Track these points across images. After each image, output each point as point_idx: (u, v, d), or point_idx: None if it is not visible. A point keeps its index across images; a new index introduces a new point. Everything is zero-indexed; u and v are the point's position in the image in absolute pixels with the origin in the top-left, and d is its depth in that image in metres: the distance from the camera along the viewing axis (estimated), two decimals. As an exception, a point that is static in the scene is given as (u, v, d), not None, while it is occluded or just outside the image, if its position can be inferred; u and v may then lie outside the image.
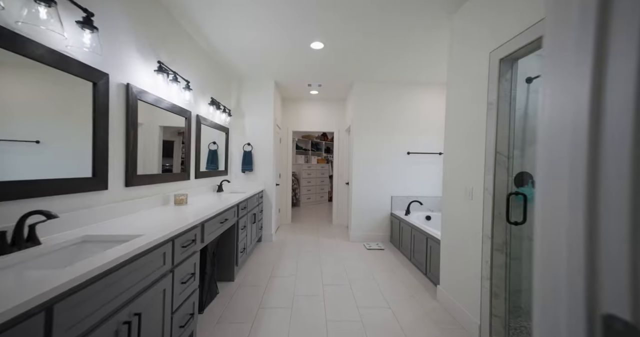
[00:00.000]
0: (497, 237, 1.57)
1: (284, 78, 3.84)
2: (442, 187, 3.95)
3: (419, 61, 3.13)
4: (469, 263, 1.82)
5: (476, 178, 1.78)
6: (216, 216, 1.97)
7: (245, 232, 2.85)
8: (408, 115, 3.97)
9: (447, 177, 2.18)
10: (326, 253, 3.45)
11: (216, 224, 1.99)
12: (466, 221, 1.88)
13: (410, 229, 3.14)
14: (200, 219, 1.65)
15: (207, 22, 2.31)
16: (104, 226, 1.38)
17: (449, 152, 2.17)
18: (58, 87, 1.22)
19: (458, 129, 2.04)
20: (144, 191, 1.87)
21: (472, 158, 1.83)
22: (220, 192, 3.18)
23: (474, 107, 1.82)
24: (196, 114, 2.69)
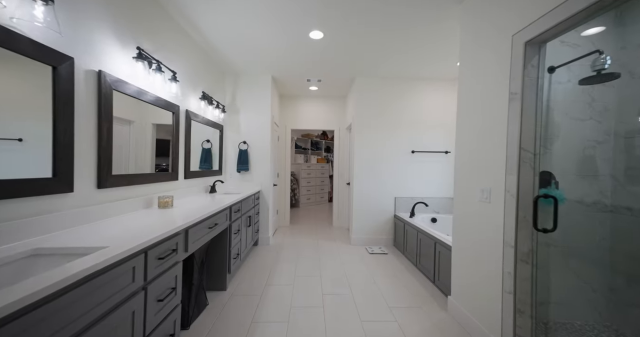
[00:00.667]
0: (521, 245, 1.37)
1: (282, 72, 3.64)
2: (453, 188, 3.78)
3: (424, 55, 2.93)
4: (487, 273, 1.62)
5: (495, 178, 1.58)
6: (204, 220, 1.78)
7: (239, 237, 2.65)
8: (412, 112, 3.77)
9: (460, 177, 1.98)
10: (326, 257, 3.25)
11: (204, 230, 1.79)
12: (483, 226, 1.68)
13: (416, 233, 2.95)
14: (183, 225, 1.45)
15: (196, 9, 2.11)
16: (66, 235, 1.18)
17: (462, 150, 1.97)
18: (5, 72, 1.02)
19: (472, 124, 1.84)
20: (122, 193, 1.67)
21: (490, 156, 1.63)
22: (213, 194, 2.98)
23: (492, 98, 1.62)
24: (185, 109, 2.49)
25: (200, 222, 1.72)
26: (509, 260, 1.42)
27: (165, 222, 1.47)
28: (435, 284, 2.47)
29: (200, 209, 1.94)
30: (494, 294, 1.55)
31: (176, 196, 2.31)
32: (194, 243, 1.65)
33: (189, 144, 2.56)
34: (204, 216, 1.74)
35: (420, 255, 2.85)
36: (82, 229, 1.28)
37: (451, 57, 3.01)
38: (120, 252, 0.97)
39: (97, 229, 1.30)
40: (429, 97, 3.77)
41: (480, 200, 1.71)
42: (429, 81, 3.76)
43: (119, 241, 1.09)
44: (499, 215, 1.53)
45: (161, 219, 1.58)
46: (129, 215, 1.64)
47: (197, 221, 1.64)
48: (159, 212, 1.77)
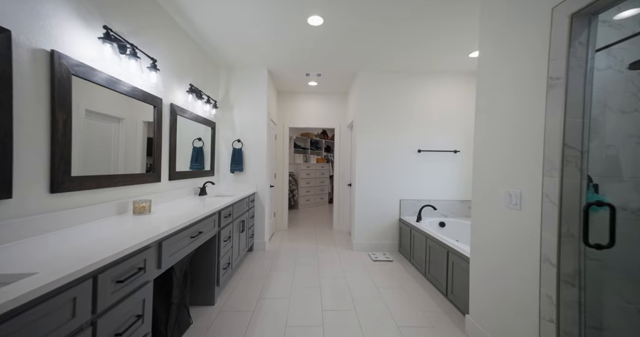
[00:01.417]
0: (566, 264, 1.12)
1: (279, 66, 3.39)
2: (462, 190, 3.58)
3: (433, 47, 2.67)
4: (517, 294, 1.37)
5: (527, 180, 1.33)
6: (184, 229, 1.52)
7: (229, 244, 2.40)
8: (418, 109, 3.52)
9: (479, 179, 1.73)
10: (326, 265, 3.00)
11: (184, 240, 1.54)
12: (511, 236, 1.43)
13: (425, 239, 2.69)
14: (154, 238, 1.20)
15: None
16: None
17: (481, 148, 1.72)
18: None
19: (496, 118, 1.59)
20: (86, 198, 1.42)
21: (520, 154, 1.38)
22: (203, 196, 2.73)
23: (523, 87, 1.37)
24: (170, 102, 2.24)
25: (180, 231, 1.47)
26: (548, 280, 1.17)
27: (136, 233, 1.22)
28: (448, 297, 2.22)
29: (184, 214, 1.69)
30: (527, 320, 1.30)
31: (158, 199, 2.06)
32: (171, 257, 1.40)
33: (174, 141, 2.31)
34: (184, 224, 1.49)
35: (429, 263, 2.60)
36: (18, 245, 1.02)
37: (464, 48, 2.76)
38: (51, 281, 0.72)
39: (42, 243, 1.04)
40: (437, 92, 3.52)
41: (507, 206, 1.46)
42: (438, 75, 3.50)
43: (59, 263, 0.84)
44: (533, 225, 1.28)
45: (132, 228, 1.33)
46: (93, 224, 1.39)
47: (174, 230, 1.39)
48: (133, 220, 1.52)
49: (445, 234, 3.27)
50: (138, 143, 1.95)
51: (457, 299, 2.07)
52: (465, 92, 3.50)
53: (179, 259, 1.51)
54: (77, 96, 1.33)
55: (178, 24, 2.34)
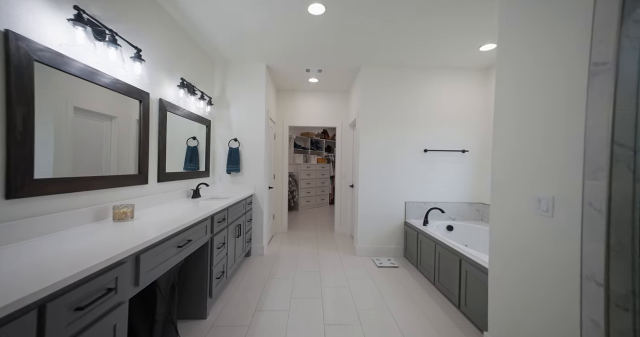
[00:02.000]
0: (616, 283, 0.94)
1: (277, 61, 3.21)
2: (470, 191, 3.40)
3: (444, 38, 2.50)
4: (549, 315, 1.19)
5: (561, 184, 1.15)
6: (169, 238, 1.35)
7: (224, 251, 2.22)
8: (425, 106, 3.34)
9: (499, 182, 1.55)
10: (328, 271, 2.82)
11: (170, 250, 1.37)
12: (539, 248, 1.25)
13: (434, 245, 2.51)
14: (128, 251, 1.02)
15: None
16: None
17: (502, 146, 1.54)
18: None
19: (520, 112, 1.41)
20: (54, 204, 1.24)
21: (552, 153, 1.21)
22: (196, 199, 2.55)
23: (557, 74, 1.19)
24: (158, 97, 2.06)
25: (164, 241, 1.29)
26: (594, 302, 0.99)
27: (110, 245, 1.04)
28: (461, 310, 2.04)
29: (171, 221, 1.52)
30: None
31: (145, 203, 1.88)
32: (153, 271, 1.22)
33: (163, 140, 2.14)
34: (169, 232, 1.31)
35: (438, 271, 2.42)
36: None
37: (475, 40, 2.58)
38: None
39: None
40: (444, 89, 3.34)
41: (535, 212, 1.28)
42: (445, 71, 3.33)
43: None
44: (570, 235, 1.10)
45: (108, 238, 1.15)
46: (61, 234, 1.21)
47: (156, 241, 1.21)
48: (111, 228, 1.34)
49: (453, 238, 3.09)
50: (132, 143, 1.78)
51: (471, 313, 1.89)
52: (475, 88, 3.32)
53: (164, 272, 1.34)
54: (63, 91, 1.16)
55: (168, 13, 2.17)
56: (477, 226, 3.06)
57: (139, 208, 1.81)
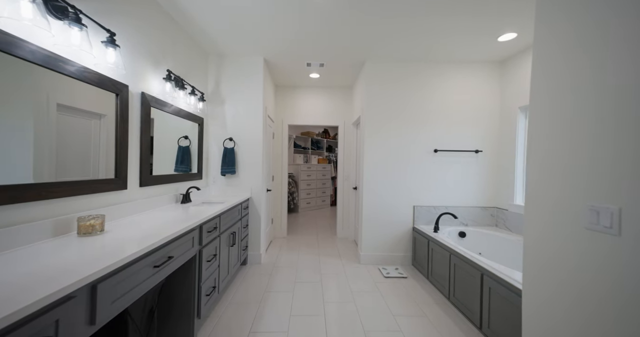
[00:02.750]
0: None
1: (276, 54, 2.97)
2: (483, 195, 3.15)
3: (457, 28, 2.26)
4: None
5: (633, 193, 0.91)
6: (142, 258, 1.11)
7: (215, 263, 1.98)
8: (436, 103, 3.10)
9: (536, 186, 1.31)
10: (331, 282, 2.58)
11: (144, 272, 1.13)
12: (598, 272, 1.01)
13: (448, 256, 2.27)
14: (78, 282, 0.79)
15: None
16: None
17: (541, 145, 1.30)
18: None
19: (565, 105, 1.16)
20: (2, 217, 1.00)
21: (615, 154, 0.96)
22: (186, 204, 2.31)
23: (621, 57, 0.95)
24: (140, 91, 1.82)
25: (133, 263, 1.05)
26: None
27: (55, 273, 0.81)
28: (483, 331, 1.79)
29: (150, 234, 1.28)
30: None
31: (123, 212, 1.64)
32: (118, 302, 0.98)
33: (147, 139, 1.90)
34: (139, 252, 1.07)
35: (454, 284, 2.18)
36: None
37: (492, 30, 2.34)
38: None
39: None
40: (457, 84, 3.10)
41: (590, 227, 1.04)
42: (459, 65, 3.08)
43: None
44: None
45: (58, 262, 0.91)
46: (7, 254, 0.98)
47: (120, 265, 0.97)
48: (73, 245, 1.10)
49: (466, 246, 2.85)
50: (108, 143, 1.55)
51: (495, 335, 1.65)
52: (490, 83, 3.08)
53: (135, 300, 1.10)
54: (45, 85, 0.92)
55: None
56: (492, 233, 2.83)
57: (115, 218, 1.57)
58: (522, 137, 2.77)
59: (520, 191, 2.79)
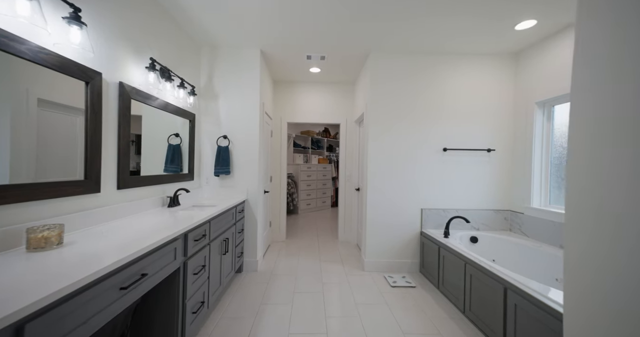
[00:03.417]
0: None
1: (274, 45, 2.76)
2: (497, 197, 2.86)
3: (471, 19, 2.05)
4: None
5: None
6: (101, 281, 0.89)
7: (204, 275, 1.77)
8: (445, 99, 2.89)
9: (581, 187, 1.09)
10: (333, 293, 2.37)
11: (104, 298, 0.91)
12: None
13: (463, 265, 2.06)
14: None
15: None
16: None
17: (586, 137, 1.08)
18: None
19: (619, 95, 0.94)
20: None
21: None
22: (174, 208, 2.10)
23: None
24: (118, 80, 1.61)
25: (86, 288, 0.84)
26: None
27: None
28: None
29: (123, 245, 1.07)
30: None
31: (95, 219, 1.43)
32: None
33: (126, 134, 1.68)
34: (96, 273, 0.86)
35: (470, 297, 1.96)
36: None
37: (513, 15, 2.12)
38: None
39: None
40: (468, 78, 2.88)
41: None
42: (471, 57, 2.86)
43: None
44: None
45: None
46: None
47: (65, 294, 0.75)
48: (13, 265, 0.89)
49: (479, 252, 2.64)
50: (77, 139, 1.34)
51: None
52: (504, 77, 2.86)
53: (94, 331, 0.88)
54: None
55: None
56: (506, 238, 2.61)
57: (84, 226, 1.36)
58: (540, 135, 2.56)
59: (538, 193, 2.57)
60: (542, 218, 2.44)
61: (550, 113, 2.51)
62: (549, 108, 2.51)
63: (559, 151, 2.42)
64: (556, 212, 2.31)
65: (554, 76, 2.36)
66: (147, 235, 1.27)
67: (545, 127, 2.54)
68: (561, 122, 2.40)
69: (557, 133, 2.45)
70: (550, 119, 2.51)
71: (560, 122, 2.41)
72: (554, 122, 2.48)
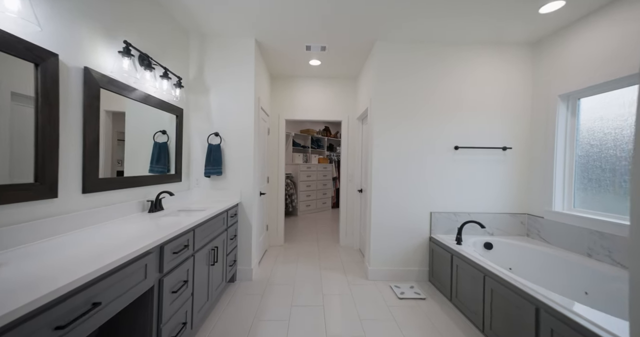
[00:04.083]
0: None
1: (271, 34, 2.51)
2: (512, 199, 2.57)
3: (488, 3, 1.81)
4: None
5: None
6: (18, 325, 0.65)
7: (187, 292, 1.53)
8: (457, 93, 2.65)
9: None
10: (335, 306, 2.13)
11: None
12: None
13: (482, 278, 1.82)
14: None
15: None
16: None
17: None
18: None
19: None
20: None
21: None
22: (156, 213, 1.86)
23: None
24: (83, 65, 1.37)
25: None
26: None
27: None
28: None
29: (72, 265, 0.84)
30: None
31: (48, 230, 1.19)
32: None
33: (93, 130, 1.44)
34: (12, 315, 0.62)
35: (491, 315, 1.72)
36: None
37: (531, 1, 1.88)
38: None
39: None
40: (482, 70, 2.63)
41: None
42: (485, 46, 2.62)
43: None
44: None
45: None
46: None
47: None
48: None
49: (494, 259, 2.41)
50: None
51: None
52: (521, 68, 2.62)
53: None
54: None
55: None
56: (524, 244, 2.38)
57: (32, 240, 1.12)
58: (563, 131, 2.32)
59: (561, 195, 2.33)
60: (566, 223, 2.20)
61: (575, 107, 2.26)
62: (573, 102, 2.27)
63: (585, 149, 2.18)
64: (582, 217, 2.07)
65: (581, 66, 2.12)
66: (111, 249, 1.04)
67: (570, 123, 2.29)
68: (588, 117, 2.16)
69: (583, 129, 2.21)
70: (576, 114, 2.26)
71: (587, 117, 2.17)
72: (580, 117, 2.24)
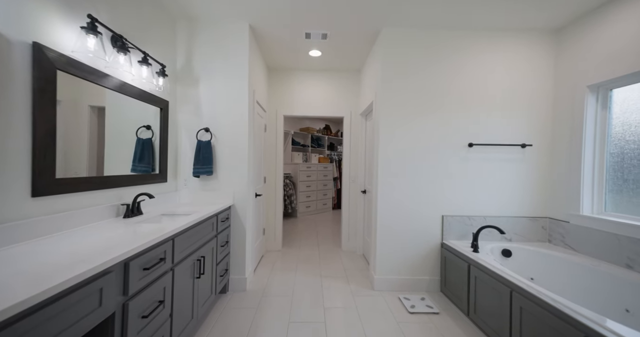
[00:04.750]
0: None
1: (266, 18, 2.27)
2: (534, 202, 2.27)
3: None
4: None
5: None
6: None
7: (163, 314, 1.28)
8: (471, 85, 2.40)
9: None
10: (338, 322, 1.89)
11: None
12: None
13: (509, 293, 1.58)
14: None
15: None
16: None
17: None
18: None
19: None
20: None
21: None
22: (133, 219, 1.61)
23: None
24: (31, 40, 1.12)
25: None
26: None
27: None
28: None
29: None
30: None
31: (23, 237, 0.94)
32: None
33: (51, 121, 1.19)
34: None
35: (519, 335, 1.48)
36: None
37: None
38: None
39: None
40: (499, 60, 2.39)
41: None
42: (503, 34, 2.37)
43: None
44: None
45: None
46: None
47: None
48: None
49: (513, 268, 2.17)
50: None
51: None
52: (542, 58, 2.37)
53: None
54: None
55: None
56: (547, 252, 2.14)
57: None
58: (592, 126, 2.07)
59: (589, 197, 2.09)
60: (596, 228, 1.96)
61: (606, 99, 2.02)
62: (604, 93, 2.03)
63: (619, 146, 1.94)
64: (617, 222, 1.83)
65: (614, 52, 1.88)
66: (54, 270, 0.80)
67: (600, 117, 2.05)
68: (624, 110, 1.92)
69: (615, 123, 1.97)
70: (607, 107, 2.02)
71: (622, 109, 1.93)
72: (612, 110, 2.00)
